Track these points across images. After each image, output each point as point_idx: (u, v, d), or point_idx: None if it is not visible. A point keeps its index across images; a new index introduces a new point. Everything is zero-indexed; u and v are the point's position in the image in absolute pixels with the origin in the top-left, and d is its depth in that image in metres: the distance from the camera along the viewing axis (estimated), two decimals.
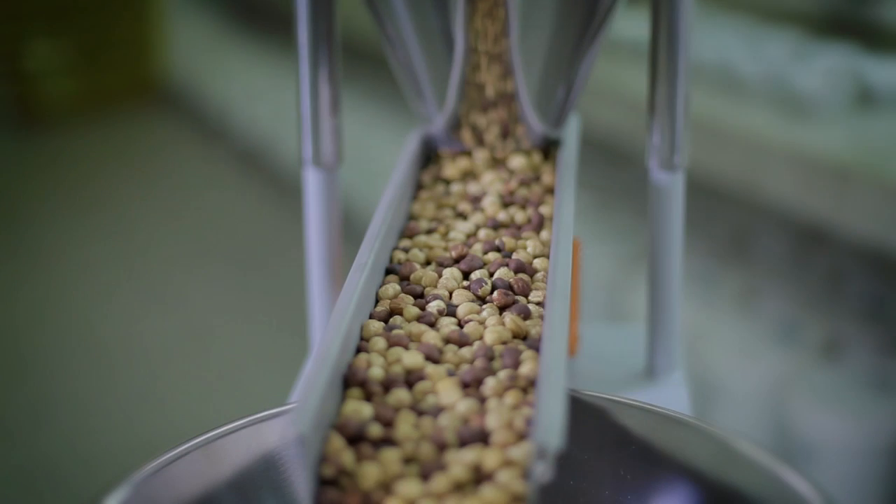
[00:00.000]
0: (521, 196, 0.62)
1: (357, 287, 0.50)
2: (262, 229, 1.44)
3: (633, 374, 0.72)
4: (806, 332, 1.29)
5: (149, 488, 0.50)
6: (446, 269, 0.55)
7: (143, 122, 2.86)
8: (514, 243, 0.58)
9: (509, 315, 0.51)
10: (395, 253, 0.57)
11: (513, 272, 0.55)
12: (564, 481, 0.47)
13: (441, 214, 0.62)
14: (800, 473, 0.49)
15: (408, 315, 0.52)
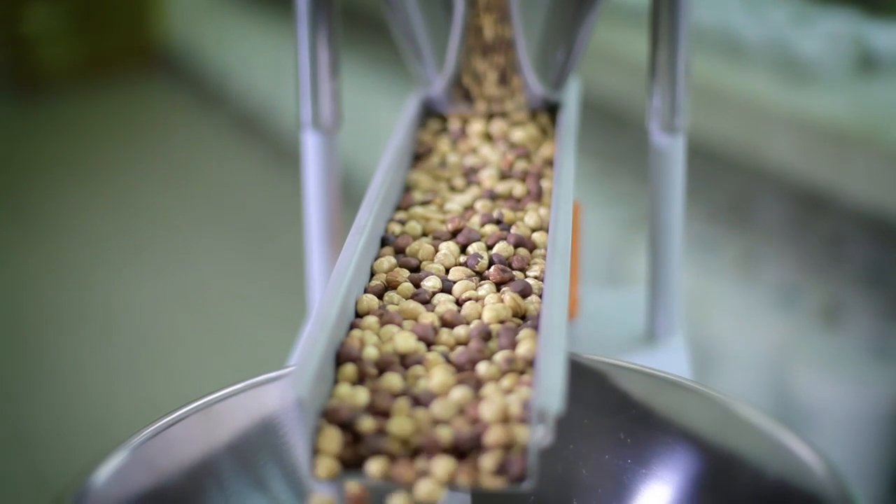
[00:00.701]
0: (520, 168, 0.61)
1: (356, 249, 0.50)
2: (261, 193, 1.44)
3: (633, 338, 0.72)
4: (806, 298, 1.29)
5: (147, 452, 0.50)
6: (443, 244, 0.54)
7: (141, 87, 2.85)
8: (513, 216, 0.57)
9: (508, 293, 0.50)
10: (390, 225, 0.56)
11: (512, 247, 0.54)
12: (564, 445, 0.47)
13: (438, 186, 0.61)
14: (800, 437, 0.49)
15: (403, 292, 0.51)
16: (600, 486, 0.52)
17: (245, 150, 1.97)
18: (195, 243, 1.19)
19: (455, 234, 0.55)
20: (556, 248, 0.49)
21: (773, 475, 0.49)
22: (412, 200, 0.59)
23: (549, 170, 0.61)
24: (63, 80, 3.02)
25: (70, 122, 2.24)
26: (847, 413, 1.15)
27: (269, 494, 0.52)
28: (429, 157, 0.63)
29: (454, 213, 0.57)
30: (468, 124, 0.66)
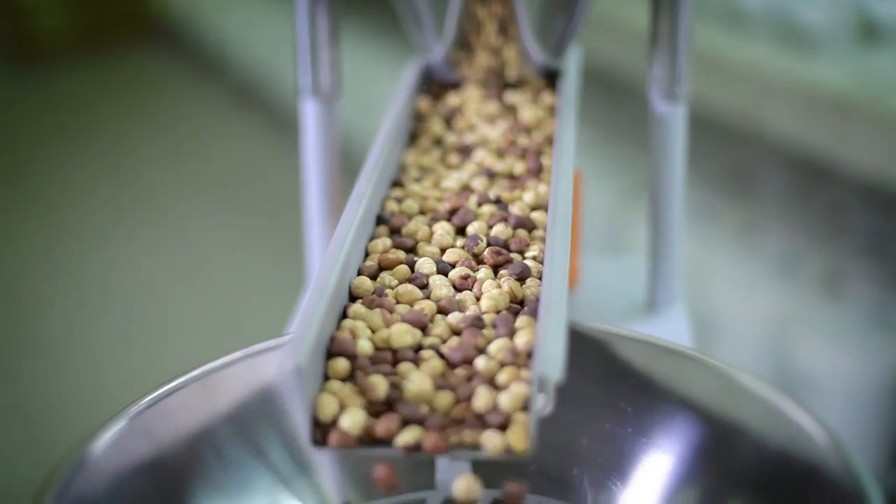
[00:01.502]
0: (519, 144, 0.60)
1: (356, 217, 0.50)
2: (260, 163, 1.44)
3: (633, 307, 0.72)
4: (806, 267, 1.29)
5: (145, 422, 0.49)
6: (438, 224, 0.53)
7: (139, 57, 2.84)
8: (511, 195, 0.55)
9: (507, 278, 0.48)
10: (387, 203, 0.55)
11: (511, 228, 0.52)
12: (565, 414, 0.46)
13: (435, 162, 0.60)
14: (802, 407, 0.49)
15: (398, 275, 0.50)
16: (600, 454, 0.52)
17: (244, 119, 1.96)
18: (193, 213, 1.19)
19: (452, 213, 0.54)
20: (556, 216, 0.49)
21: (775, 444, 0.49)
22: (409, 176, 0.58)
23: (548, 147, 0.60)
24: (61, 51, 3.01)
25: (68, 91, 2.24)
26: (848, 383, 1.15)
27: (268, 463, 0.52)
28: (426, 131, 0.62)
29: (451, 190, 0.56)
30: (466, 93, 0.65)
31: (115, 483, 0.47)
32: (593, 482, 0.52)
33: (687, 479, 0.50)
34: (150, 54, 2.90)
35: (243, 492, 0.51)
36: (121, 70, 2.64)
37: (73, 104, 2.08)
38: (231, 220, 1.18)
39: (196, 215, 1.19)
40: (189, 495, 0.49)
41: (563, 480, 0.52)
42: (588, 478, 0.52)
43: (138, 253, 1.10)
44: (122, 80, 2.47)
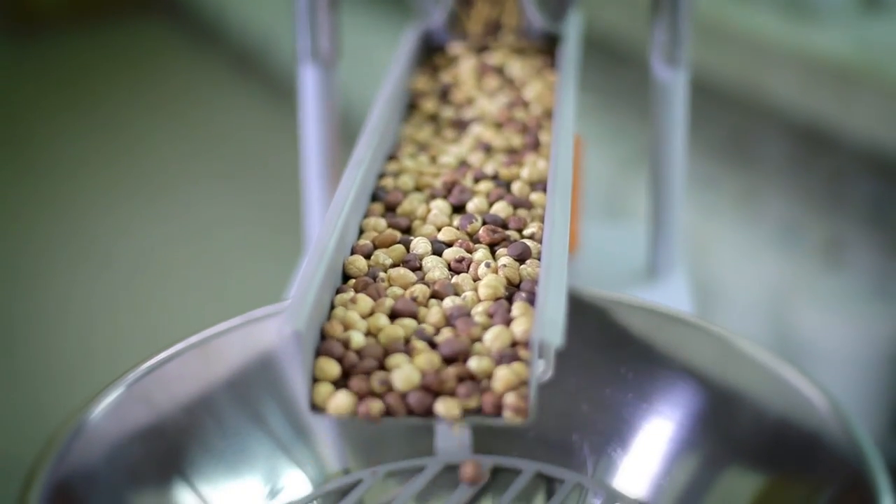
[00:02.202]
0: (518, 119, 0.59)
1: (355, 182, 0.49)
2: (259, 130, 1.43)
3: (634, 273, 0.71)
4: (807, 235, 1.28)
5: (143, 388, 0.49)
6: (434, 202, 0.51)
7: (137, 25, 2.83)
8: (509, 172, 0.53)
9: (505, 258, 0.46)
10: (382, 180, 0.53)
11: (510, 206, 0.51)
12: (565, 380, 0.46)
13: (433, 138, 0.58)
14: (803, 373, 0.49)
15: (393, 254, 0.48)
16: (601, 420, 0.52)
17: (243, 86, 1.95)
18: (191, 180, 1.19)
19: (449, 190, 0.52)
20: (556, 182, 0.48)
21: (775, 411, 0.49)
22: (405, 151, 0.56)
23: (547, 121, 0.59)
24: (59, 20, 2.99)
25: (66, 61, 2.23)
26: (848, 351, 1.15)
27: (267, 430, 0.52)
28: (424, 105, 0.61)
29: (448, 167, 0.55)
30: (464, 61, 0.64)
31: (113, 450, 0.47)
32: (593, 448, 0.52)
33: (687, 445, 0.50)
34: (147, 22, 2.89)
35: (242, 458, 0.51)
36: (119, 38, 2.63)
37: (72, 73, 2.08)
38: (229, 187, 1.18)
39: (194, 183, 1.19)
40: (187, 462, 0.49)
41: (563, 446, 0.52)
42: (588, 444, 0.52)
43: (136, 221, 1.09)
44: (120, 49, 2.46)
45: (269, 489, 0.51)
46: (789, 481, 0.47)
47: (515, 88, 0.61)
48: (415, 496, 0.51)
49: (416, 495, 0.51)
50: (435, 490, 0.51)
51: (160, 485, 0.48)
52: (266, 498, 0.51)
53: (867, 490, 0.42)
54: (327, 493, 0.52)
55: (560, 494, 0.50)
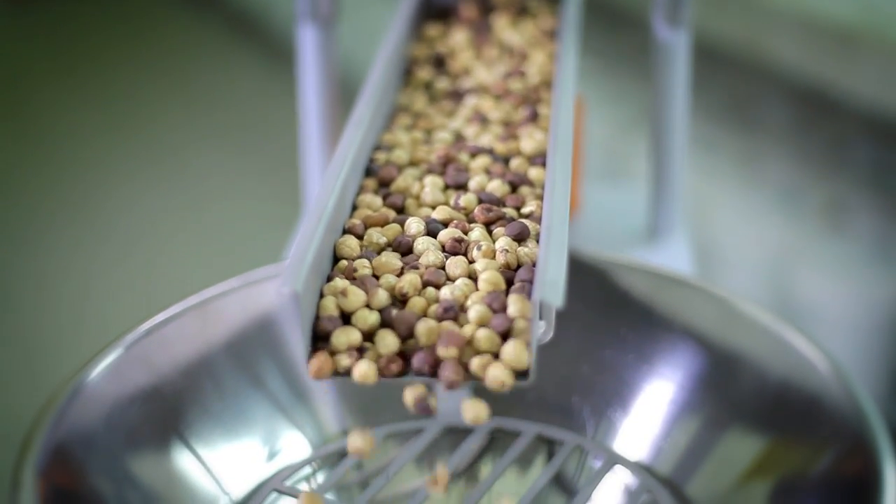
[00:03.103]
0: (517, 91, 0.57)
1: (354, 142, 0.49)
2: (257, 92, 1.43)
3: (635, 234, 0.71)
4: (808, 199, 1.28)
5: (142, 349, 0.49)
6: (428, 178, 0.49)
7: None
8: (505, 147, 0.51)
9: (503, 239, 0.44)
10: (376, 154, 0.51)
11: (508, 185, 0.48)
12: (566, 341, 0.46)
13: (429, 110, 0.56)
14: (804, 335, 0.48)
15: (386, 234, 0.45)
16: (601, 382, 0.52)
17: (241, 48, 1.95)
18: (189, 142, 1.18)
19: (445, 165, 0.50)
20: (557, 142, 0.48)
21: (776, 372, 0.49)
22: (400, 123, 0.54)
23: (547, 92, 0.57)
24: None
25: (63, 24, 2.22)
26: (849, 314, 1.14)
27: (266, 391, 0.52)
28: (420, 74, 0.60)
29: (444, 141, 0.53)
30: (463, 29, 0.63)
31: (111, 412, 0.47)
32: (594, 410, 0.52)
33: (688, 406, 0.50)
34: None
35: (240, 420, 0.51)
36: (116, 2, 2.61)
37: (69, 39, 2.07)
38: (227, 149, 1.17)
39: (192, 145, 1.18)
40: (186, 424, 0.49)
41: (563, 408, 0.52)
42: (588, 405, 0.52)
43: (133, 182, 1.09)
44: (116, 13, 2.45)
45: (267, 451, 0.51)
46: (790, 443, 0.47)
47: (515, 57, 0.60)
48: (414, 458, 0.51)
49: (415, 457, 0.51)
50: (434, 452, 0.51)
51: (158, 447, 0.48)
52: (265, 460, 0.51)
53: (868, 452, 0.42)
54: (326, 455, 0.52)
55: (560, 456, 0.50)
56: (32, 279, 0.88)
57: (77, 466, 0.44)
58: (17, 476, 0.41)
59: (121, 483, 0.46)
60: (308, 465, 0.51)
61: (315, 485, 0.50)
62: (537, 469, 0.51)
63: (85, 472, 0.45)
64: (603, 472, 0.49)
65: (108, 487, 0.45)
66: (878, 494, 0.40)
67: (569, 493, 0.50)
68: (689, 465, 0.49)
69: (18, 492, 0.41)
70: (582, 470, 0.51)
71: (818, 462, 0.45)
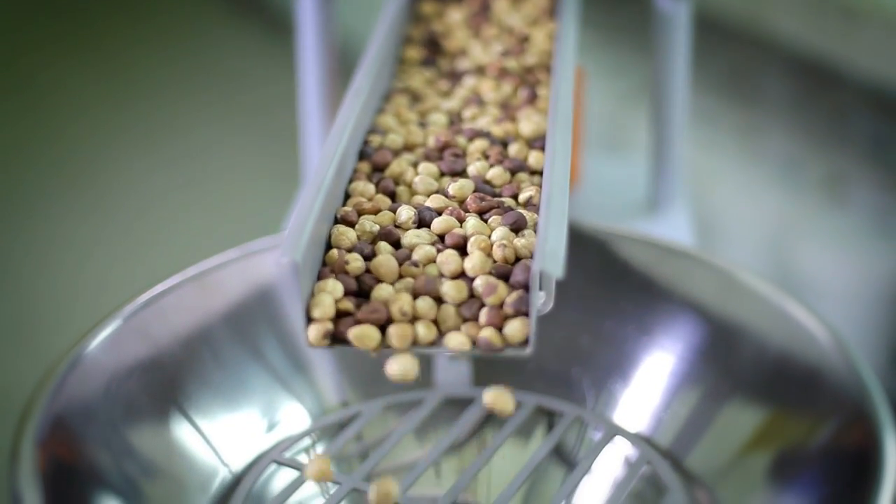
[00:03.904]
0: (514, 71, 0.55)
1: (353, 112, 0.48)
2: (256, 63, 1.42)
3: (635, 206, 0.71)
4: (809, 171, 1.28)
5: (141, 321, 0.49)
6: (422, 164, 0.47)
7: None
8: (502, 130, 0.50)
9: (501, 230, 0.42)
10: (370, 137, 0.49)
11: (507, 171, 0.47)
12: (566, 313, 0.46)
13: (426, 90, 0.55)
14: (805, 306, 0.48)
15: (380, 221, 0.43)
16: (601, 353, 0.52)
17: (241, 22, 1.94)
18: (189, 116, 1.18)
19: (441, 151, 0.49)
20: (557, 112, 0.47)
21: (777, 343, 0.48)
22: (396, 103, 0.53)
23: (545, 74, 0.55)
24: None
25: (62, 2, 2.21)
26: (849, 287, 1.14)
27: (265, 363, 0.51)
28: (415, 55, 0.58)
29: (439, 124, 0.51)
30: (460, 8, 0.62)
31: (110, 383, 0.47)
32: (594, 381, 0.52)
33: (688, 378, 0.50)
34: None
35: (240, 392, 0.51)
36: None
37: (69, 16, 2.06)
38: (226, 119, 1.17)
39: (191, 116, 1.18)
40: (185, 395, 0.49)
41: (563, 379, 0.52)
42: (588, 377, 0.52)
43: (134, 156, 1.09)
44: None
45: (266, 422, 0.51)
46: (791, 414, 0.47)
47: (514, 36, 0.59)
48: (414, 429, 0.51)
49: (414, 428, 0.51)
50: (434, 423, 0.51)
51: (157, 418, 0.48)
52: (264, 431, 0.50)
53: (869, 423, 0.42)
54: (325, 427, 0.51)
55: (560, 428, 0.50)
56: (32, 252, 0.88)
57: (76, 438, 0.44)
58: (16, 447, 0.41)
59: (120, 454, 0.46)
60: (307, 436, 0.51)
61: (314, 456, 0.50)
62: (537, 440, 0.51)
63: (84, 444, 0.45)
64: (603, 443, 0.49)
65: (107, 459, 0.45)
66: (879, 465, 0.40)
67: (568, 465, 0.50)
68: (690, 437, 0.49)
69: (17, 463, 0.41)
70: (582, 441, 0.51)
71: (818, 433, 0.45)
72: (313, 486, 0.48)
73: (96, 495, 0.43)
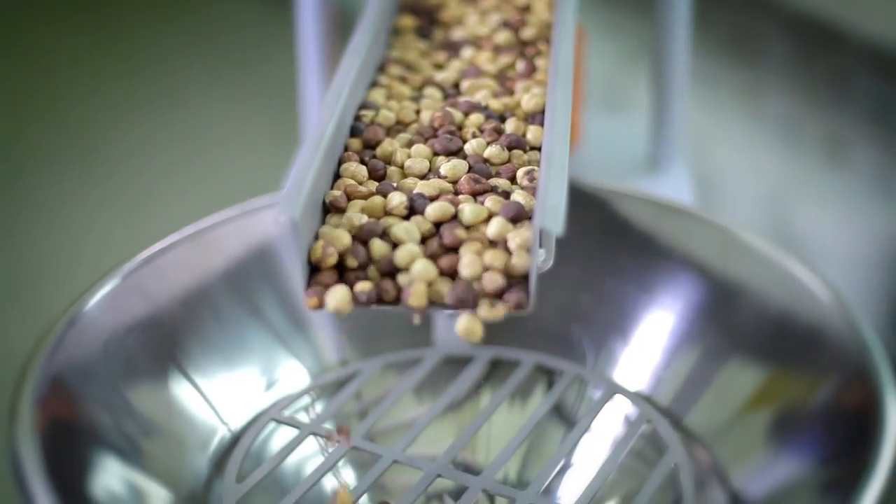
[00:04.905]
0: (512, 43, 0.53)
1: (352, 70, 0.48)
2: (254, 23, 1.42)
3: (635, 164, 0.71)
4: (810, 132, 1.27)
5: (139, 279, 0.49)
6: (415, 147, 0.45)
7: None
8: (500, 103, 0.48)
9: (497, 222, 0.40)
10: (362, 112, 0.47)
11: (505, 150, 0.44)
12: (566, 271, 0.45)
13: (420, 62, 0.53)
14: (806, 265, 0.48)
15: (369, 208, 0.41)
16: (601, 312, 0.52)
17: None
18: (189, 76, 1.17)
19: (436, 130, 0.46)
20: (558, 69, 0.47)
21: (778, 302, 0.48)
22: (390, 74, 0.51)
23: (544, 45, 0.53)
24: None
25: None
26: (849, 248, 1.14)
27: (264, 320, 0.51)
28: (413, 21, 0.56)
29: (433, 99, 0.49)
30: None
31: (108, 341, 0.47)
32: (594, 340, 0.52)
33: (688, 337, 0.50)
34: None
35: (238, 350, 0.50)
36: None
37: None
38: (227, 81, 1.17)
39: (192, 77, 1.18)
40: (184, 353, 0.49)
41: (563, 338, 0.52)
42: (588, 335, 0.52)
43: (134, 116, 1.08)
44: None
45: (265, 381, 0.51)
46: (791, 373, 0.47)
47: (513, 5, 0.57)
48: (413, 388, 0.51)
49: (414, 387, 0.51)
50: (433, 381, 0.51)
51: (156, 376, 0.48)
52: (263, 390, 0.50)
53: (869, 381, 0.42)
54: (324, 385, 0.51)
55: (559, 386, 0.50)
56: (31, 210, 0.88)
57: (74, 397, 0.44)
58: (14, 406, 0.41)
59: (118, 413, 0.45)
60: (307, 394, 0.51)
61: (314, 415, 0.50)
62: (537, 399, 0.51)
63: (82, 403, 0.44)
64: (603, 401, 0.49)
65: (106, 417, 0.45)
66: (879, 424, 0.40)
67: (568, 423, 0.50)
68: (690, 396, 0.49)
69: (16, 422, 0.40)
70: (581, 400, 0.51)
71: (819, 392, 0.45)
72: (313, 444, 0.48)
73: (95, 454, 0.43)
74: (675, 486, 0.45)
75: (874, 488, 0.37)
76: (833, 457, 0.42)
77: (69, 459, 0.42)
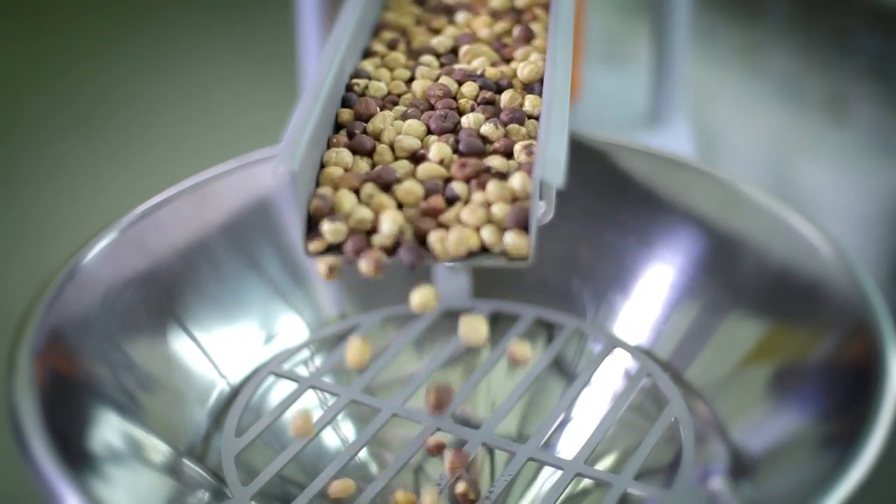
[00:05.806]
0: (504, 8, 0.51)
1: (350, 24, 0.47)
2: None
3: (636, 118, 0.70)
4: (810, 89, 1.27)
5: (138, 233, 0.48)
6: (407, 123, 0.43)
7: None
8: (497, 71, 0.46)
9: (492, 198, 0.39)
10: (354, 82, 0.45)
11: (501, 126, 0.42)
12: (565, 224, 0.45)
13: (416, 28, 0.51)
14: (807, 218, 0.48)
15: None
16: (601, 265, 0.51)
17: None
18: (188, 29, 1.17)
19: (432, 107, 0.44)
20: (558, 22, 0.47)
21: (778, 256, 0.48)
22: (382, 39, 0.50)
23: (541, 11, 0.51)
24: None
25: None
26: (849, 204, 1.14)
27: (263, 274, 0.51)
28: None
29: (430, 66, 0.47)
30: None
31: (106, 295, 0.46)
32: (594, 293, 0.51)
33: (688, 290, 0.50)
34: None
35: (237, 303, 0.50)
36: None
37: None
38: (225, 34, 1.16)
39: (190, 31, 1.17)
40: (182, 307, 0.49)
41: (563, 291, 0.52)
42: (588, 289, 0.52)
43: (132, 69, 1.08)
44: None
45: (264, 334, 0.51)
46: (792, 327, 0.47)
47: None
48: (412, 341, 0.51)
49: (413, 340, 0.51)
50: (433, 335, 0.51)
51: (154, 330, 0.48)
52: (262, 343, 0.50)
53: (870, 335, 0.42)
54: (323, 339, 0.51)
55: (559, 340, 0.50)
56: (30, 164, 0.88)
57: (73, 350, 0.44)
58: (12, 359, 0.41)
59: (117, 367, 0.45)
60: (305, 348, 0.51)
61: (313, 368, 0.50)
62: (537, 352, 0.51)
63: (81, 356, 0.44)
64: (603, 355, 0.49)
65: (105, 371, 0.45)
66: (880, 378, 0.40)
67: (568, 377, 0.50)
68: (690, 350, 0.49)
69: (14, 375, 0.40)
70: (582, 353, 0.51)
71: (819, 346, 0.45)
72: (313, 397, 0.48)
73: (94, 407, 0.43)
74: (675, 440, 0.45)
75: (874, 442, 0.37)
76: (833, 411, 0.42)
77: (67, 413, 0.41)
